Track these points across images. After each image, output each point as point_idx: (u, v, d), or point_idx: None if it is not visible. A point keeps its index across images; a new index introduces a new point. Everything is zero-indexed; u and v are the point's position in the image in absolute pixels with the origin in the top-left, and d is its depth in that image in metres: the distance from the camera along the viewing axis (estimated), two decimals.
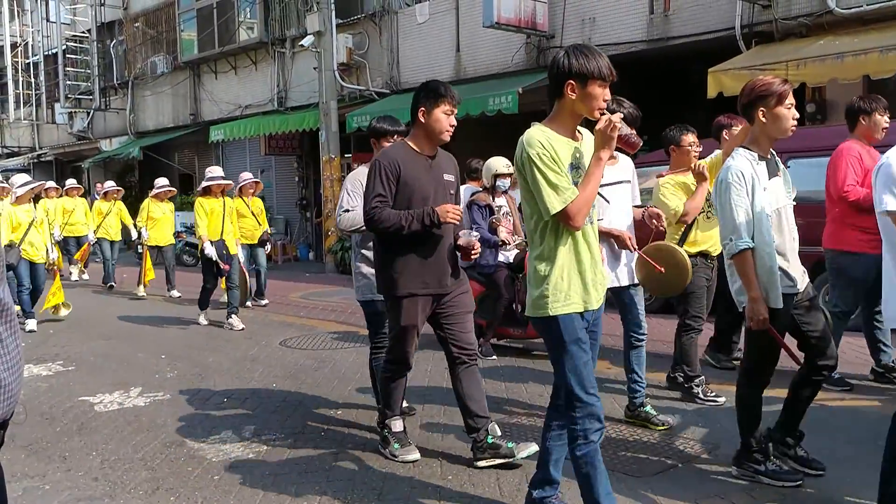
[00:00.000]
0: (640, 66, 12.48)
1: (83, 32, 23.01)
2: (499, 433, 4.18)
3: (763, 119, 3.59)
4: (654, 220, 4.61)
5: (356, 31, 15.43)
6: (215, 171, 9.18)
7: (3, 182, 9.57)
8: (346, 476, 4.05)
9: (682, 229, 5.18)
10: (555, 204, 2.91)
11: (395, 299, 4.07)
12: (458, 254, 4.21)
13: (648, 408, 4.77)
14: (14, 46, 24.79)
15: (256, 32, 17.74)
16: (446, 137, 4.08)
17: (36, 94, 25.10)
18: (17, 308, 9.33)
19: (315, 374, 6.46)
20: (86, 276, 14.58)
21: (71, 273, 14.39)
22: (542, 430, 3.49)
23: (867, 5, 9.10)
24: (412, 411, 5.12)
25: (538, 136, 2.97)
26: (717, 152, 5.39)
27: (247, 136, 17.42)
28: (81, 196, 14.24)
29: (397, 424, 4.34)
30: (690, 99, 13.29)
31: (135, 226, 12.58)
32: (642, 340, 4.78)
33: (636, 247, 4.49)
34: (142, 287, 11.88)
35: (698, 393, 5.24)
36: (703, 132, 9.22)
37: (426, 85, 4.10)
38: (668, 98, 14.21)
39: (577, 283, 3.02)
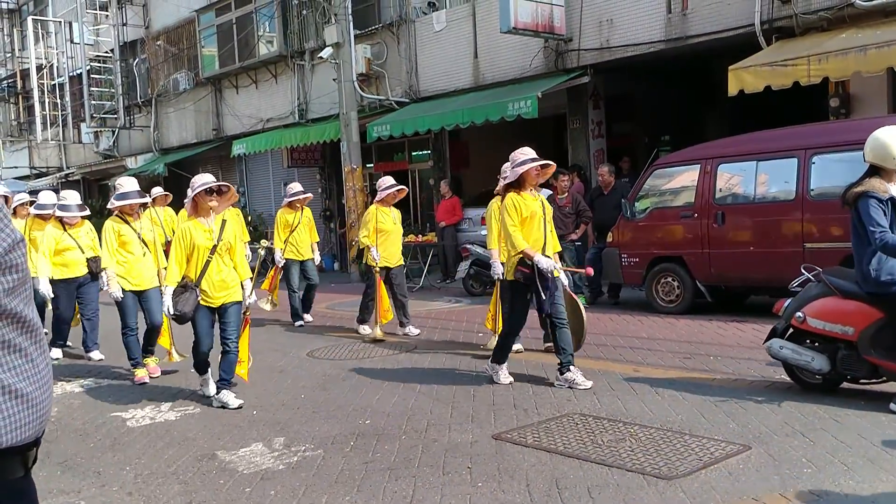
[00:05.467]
0: (660, 66, 12.45)
1: (106, 52, 23.34)
2: None
3: None
4: None
5: (374, 41, 15.51)
6: (527, 151, 6.05)
7: (143, 196, 7.11)
8: (377, 486, 4.06)
9: None
10: None
11: None
12: None
13: None
14: (40, 69, 25.19)
15: (276, 46, 17.88)
16: None
17: (62, 115, 25.50)
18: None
19: (343, 385, 6.49)
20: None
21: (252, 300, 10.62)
22: None
23: None
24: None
25: None
26: None
27: (269, 149, 17.55)
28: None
29: None
30: (711, 97, 13.24)
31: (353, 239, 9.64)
32: None
33: None
34: (378, 327, 8.43)
35: None
36: (724, 130, 9.19)
37: None
38: (689, 97, 14.17)
39: None
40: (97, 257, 7.74)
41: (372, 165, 17.39)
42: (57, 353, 8.27)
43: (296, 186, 10.10)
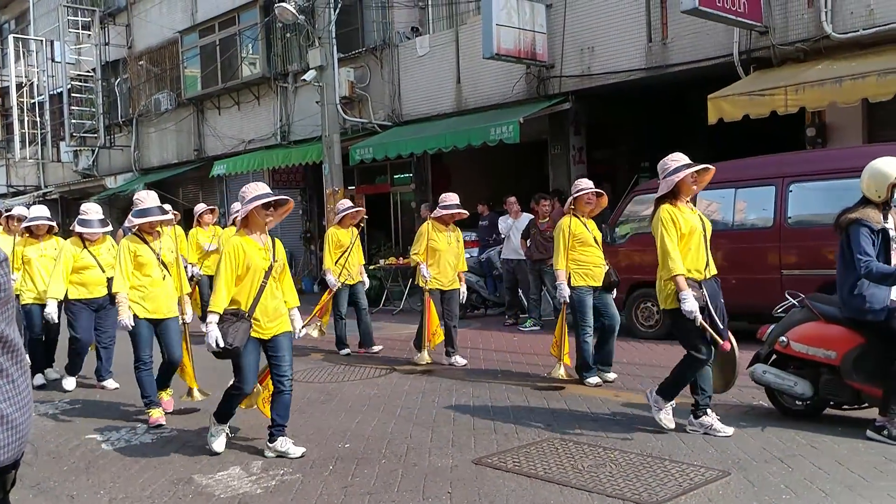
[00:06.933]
0: (640, 94, 12.61)
1: (88, 72, 23.26)
2: None
3: None
4: None
5: (358, 64, 15.59)
6: (679, 157, 5.18)
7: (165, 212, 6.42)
8: None
9: None
10: None
11: None
12: None
13: None
14: (19, 87, 25.05)
15: (259, 68, 17.92)
16: None
17: (41, 134, 25.32)
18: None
19: (323, 408, 6.44)
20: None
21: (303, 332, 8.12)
22: None
23: (863, 30, 9.18)
24: None
25: None
26: None
27: (250, 170, 17.51)
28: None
29: None
30: (690, 125, 13.41)
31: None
32: None
33: None
34: (426, 352, 8.05)
35: None
36: (704, 157, 9.22)
37: None
38: (669, 124, 14.34)
39: None
40: None
41: (354, 188, 17.40)
42: (71, 383, 7.60)
43: (346, 202, 9.42)
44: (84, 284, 7.19)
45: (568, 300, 6.79)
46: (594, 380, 6.73)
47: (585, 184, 6.96)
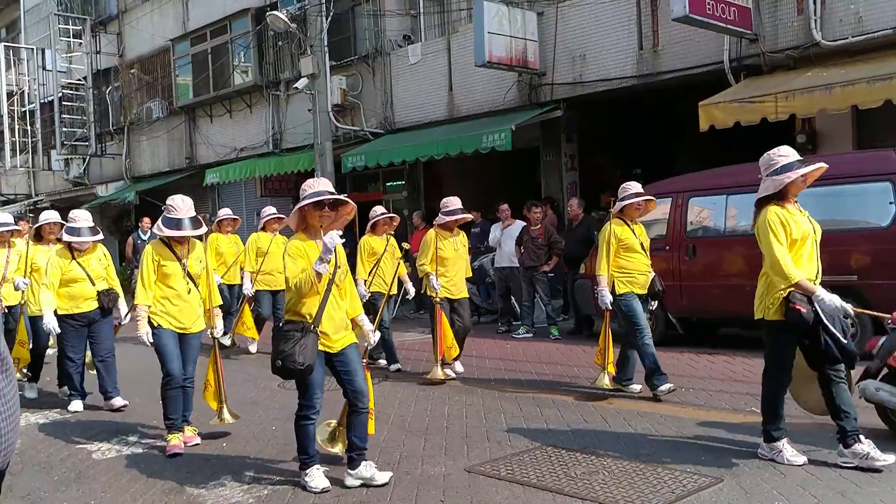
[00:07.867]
0: (632, 101, 12.65)
1: (79, 80, 23.21)
2: None
3: None
4: None
5: (350, 72, 15.60)
6: (787, 152, 4.66)
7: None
8: None
9: None
10: None
11: None
12: None
13: None
14: (10, 95, 24.97)
15: (251, 76, 17.91)
16: None
17: (32, 142, 25.23)
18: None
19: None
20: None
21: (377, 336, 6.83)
22: None
23: (852, 37, 9.24)
24: None
25: None
26: None
27: (242, 178, 17.49)
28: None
29: None
30: (682, 131, 13.48)
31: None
32: None
33: None
34: (439, 367, 7.59)
35: None
36: (695, 164, 9.21)
37: None
38: (661, 131, 14.41)
39: None
40: (109, 290, 6.81)
41: (346, 195, 17.39)
42: (78, 405, 6.99)
43: (380, 208, 8.98)
44: (72, 298, 6.66)
45: (610, 307, 6.45)
46: (666, 386, 6.31)
47: (634, 188, 6.54)
